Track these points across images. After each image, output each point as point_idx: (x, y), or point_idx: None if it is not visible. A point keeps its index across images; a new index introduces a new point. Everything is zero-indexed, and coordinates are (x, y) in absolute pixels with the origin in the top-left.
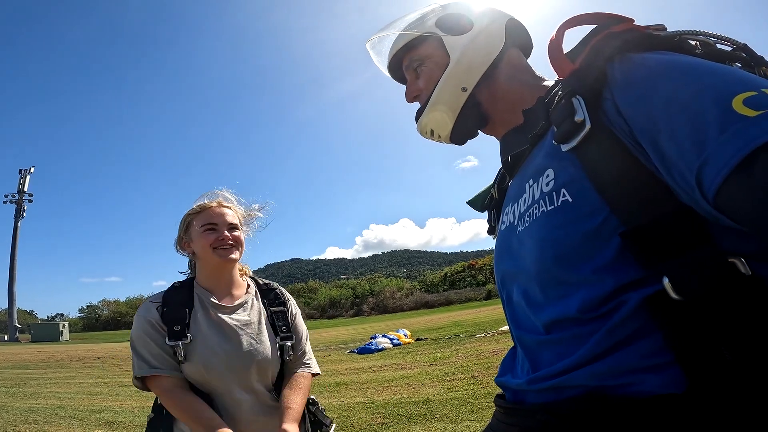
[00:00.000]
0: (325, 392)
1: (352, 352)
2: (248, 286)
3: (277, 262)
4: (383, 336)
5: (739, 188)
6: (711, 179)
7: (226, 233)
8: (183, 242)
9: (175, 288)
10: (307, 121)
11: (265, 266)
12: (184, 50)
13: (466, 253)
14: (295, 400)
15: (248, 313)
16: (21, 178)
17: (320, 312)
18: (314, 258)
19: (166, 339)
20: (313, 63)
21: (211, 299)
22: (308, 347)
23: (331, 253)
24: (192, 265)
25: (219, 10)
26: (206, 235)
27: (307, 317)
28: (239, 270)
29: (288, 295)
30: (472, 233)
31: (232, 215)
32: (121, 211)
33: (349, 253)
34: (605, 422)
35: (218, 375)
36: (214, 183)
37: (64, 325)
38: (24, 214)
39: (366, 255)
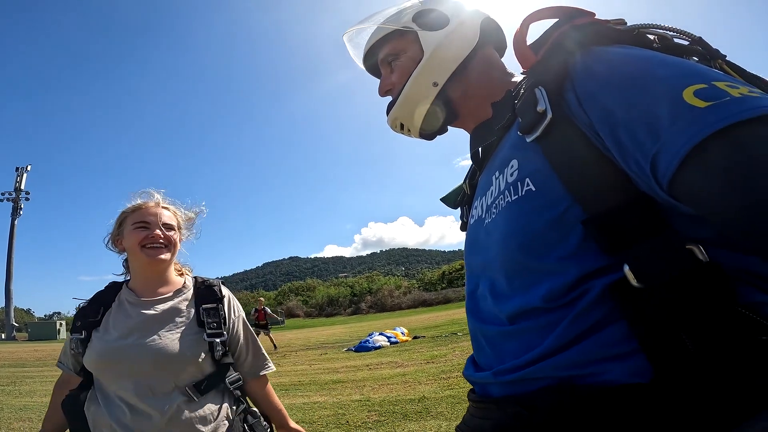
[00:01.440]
0: (321, 390)
1: (349, 350)
2: (184, 284)
3: (275, 261)
4: (380, 334)
5: (691, 177)
6: (664, 168)
7: (158, 232)
8: (116, 240)
9: (108, 287)
10: (305, 118)
11: (263, 264)
12: (179, 45)
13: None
14: (278, 402)
15: (167, 308)
16: (18, 176)
17: (318, 310)
18: (312, 256)
19: (69, 333)
20: (308, 58)
21: (133, 297)
22: (255, 348)
23: (330, 251)
24: (126, 266)
25: (215, 7)
26: (137, 232)
27: (305, 315)
28: (177, 270)
29: (227, 294)
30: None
31: (168, 216)
32: (120, 209)
33: (348, 252)
34: (575, 413)
35: (110, 365)
36: (209, 180)
37: (61, 324)
38: (21, 213)
39: (364, 253)
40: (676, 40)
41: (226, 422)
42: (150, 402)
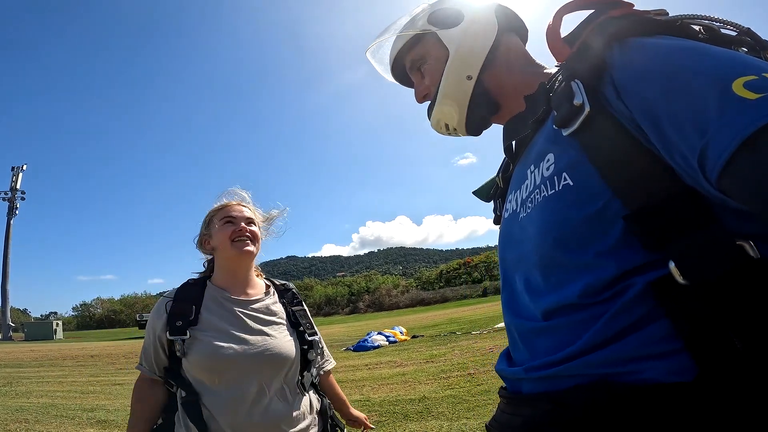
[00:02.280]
0: None
1: (348, 349)
2: (267, 286)
3: (273, 260)
4: (379, 333)
5: (741, 171)
6: (713, 163)
7: (244, 225)
8: (204, 240)
9: (189, 284)
10: (304, 117)
11: (260, 263)
12: (179, 45)
13: (462, 250)
14: (340, 392)
15: (265, 308)
16: (13, 175)
17: (316, 310)
18: (310, 255)
19: (168, 334)
20: (308, 60)
21: (226, 294)
22: (322, 346)
23: (328, 250)
24: (210, 265)
25: (215, 4)
26: (225, 228)
27: None
28: (255, 271)
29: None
30: (468, 230)
31: (249, 212)
32: (117, 208)
33: (345, 251)
34: (611, 412)
35: (229, 364)
36: (208, 179)
37: (57, 324)
38: (17, 212)
39: (362, 252)
40: (723, 30)
41: (317, 415)
42: (267, 400)
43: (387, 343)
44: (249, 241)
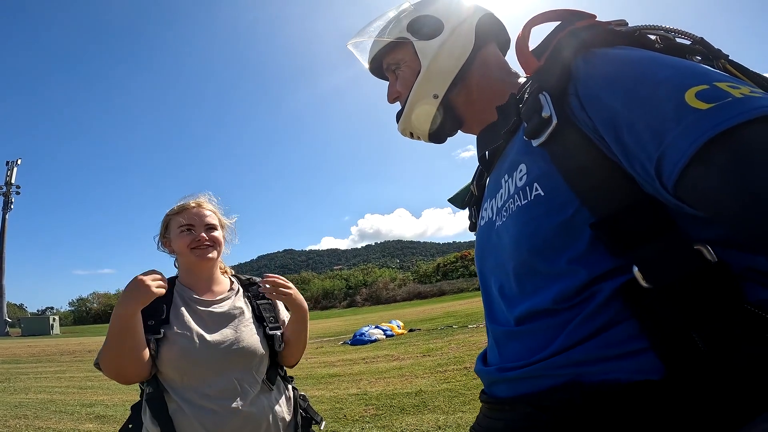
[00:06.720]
0: (318, 384)
1: (345, 343)
2: (231, 282)
3: (270, 253)
4: (376, 327)
5: (695, 179)
6: (669, 171)
7: (203, 234)
8: (165, 242)
9: None
10: (302, 110)
11: (258, 257)
12: (175, 41)
13: (459, 243)
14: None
15: (230, 306)
16: (8, 170)
17: (313, 303)
18: (308, 249)
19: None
20: (308, 50)
21: (192, 295)
22: None
23: (327, 243)
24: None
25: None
26: (183, 236)
27: None
28: (221, 269)
29: None
30: (467, 223)
31: (210, 215)
32: (115, 201)
33: (344, 244)
34: (587, 411)
35: (197, 363)
36: (205, 173)
37: (54, 319)
38: (12, 207)
39: (360, 245)
40: (678, 40)
41: (291, 407)
42: (238, 397)
43: (384, 336)
44: (210, 248)
